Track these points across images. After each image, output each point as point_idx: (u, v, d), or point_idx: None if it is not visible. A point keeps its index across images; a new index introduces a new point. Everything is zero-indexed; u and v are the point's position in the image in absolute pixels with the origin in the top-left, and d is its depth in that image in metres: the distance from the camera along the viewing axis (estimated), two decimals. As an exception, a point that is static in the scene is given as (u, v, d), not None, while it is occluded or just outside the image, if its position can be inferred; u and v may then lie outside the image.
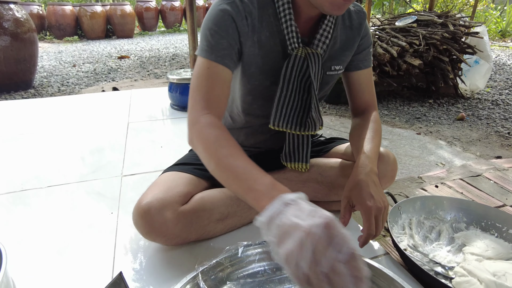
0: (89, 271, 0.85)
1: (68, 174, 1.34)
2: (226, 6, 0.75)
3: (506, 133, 2.21)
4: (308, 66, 0.83)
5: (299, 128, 0.90)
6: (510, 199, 1.31)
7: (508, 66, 4.40)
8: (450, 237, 1.03)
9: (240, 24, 0.76)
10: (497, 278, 0.85)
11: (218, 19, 0.75)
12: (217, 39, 0.75)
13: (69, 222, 1.04)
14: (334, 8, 0.71)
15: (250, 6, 0.77)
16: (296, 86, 0.85)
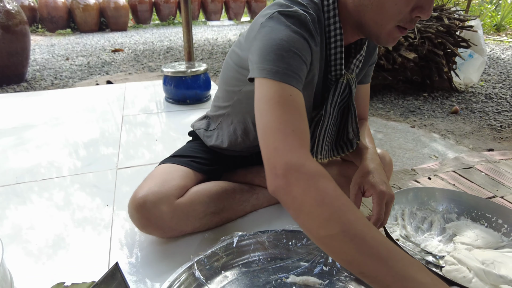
0: (85, 263, 0.86)
1: (63, 167, 1.34)
2: (299, 29, 0.66)
3: (499, 126, 2.24)
4: (350, 91, 0.82)
5: (336, 152, 0.91)
6: (500, 191, 1.33)
7: (502, 60, 4.42)
8: (442, 227, 1.05)
9: (314, 48, 0.69)
10: (486, 266, 0.87)
11: (295, 41, 0.64)
12: (298, 63, 0.64)
13: (64, 215, 1.04)
14: (389, 40, 0.70)
15: (315, 30, 0.70)
16: (336, 114, 0.84)
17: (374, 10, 0.67)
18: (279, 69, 0.62)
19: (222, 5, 9.84)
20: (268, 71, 0.62)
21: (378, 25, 0.68)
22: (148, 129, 1.74)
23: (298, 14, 0.66)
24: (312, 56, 0.69)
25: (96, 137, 1.62)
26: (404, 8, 0.63)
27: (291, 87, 0.62)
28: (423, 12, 0.63)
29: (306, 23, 0.67)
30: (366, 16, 0.69)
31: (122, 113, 1.95)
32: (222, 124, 1.01)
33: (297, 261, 0.82)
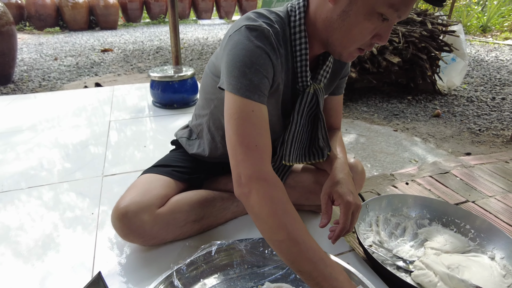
0: (69, 271, 0.89)
1: (49, 174, 1.36)
2: (261, 43, 0.71)
3: (477, 130, 2.31)
4: (317, 100, 0.87)
5: (307, 158, 0.96)
6: (472, 195, 1.39)
7: (486, 62, 4.53)
8: (414, 233, 1.10)
9: (275, 62, 0.74)
10: (451, 270, 0.92)
11: (257, 56, 0.70)
12: (260, 78, 0.70)
13: (49, 223, 1.07)
14: (349, 58, 0.78)
15: (279, 43, 0.75)
16: (305, 121, 0.89)
17: (341, 33, 0.73)
18: (242, 85, 0.69)
19: (213, 3, 9.82)
20: (233, 86, 0.70)
21: (342, 46, 0.75)
22: (135, 135, 1.76)
23: (262, 28, 0.71)
24: (274, 68, 0.74)
25: (82, 143, 1.64)
26: (367, 35, 0.71)
27: (253, 102, 0.70)
28: (381, 40, 0.71)
29: (269, 37, 0.72)
30: (333, 37, 0.75)
31: (109, 118, 1.97)
32: (202, 133, 1.05)
33: (273, 268, 0.87)
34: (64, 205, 1.16)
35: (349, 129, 2.31)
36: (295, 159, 0.93)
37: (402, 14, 0.67)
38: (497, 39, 6.62)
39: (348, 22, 0.70)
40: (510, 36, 6.67)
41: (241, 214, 1.10)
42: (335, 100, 1.03)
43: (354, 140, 2.13)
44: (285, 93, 0.85)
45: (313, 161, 0.96)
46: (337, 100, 1.04)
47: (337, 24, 0.72)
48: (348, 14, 0.69)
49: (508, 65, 4.36)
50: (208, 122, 1.01)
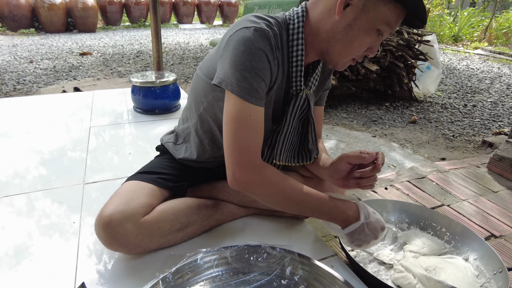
0: (51, 282, 0.87)
1: (26, 182, 1.32)
2: (262, 46, 0.74)
3: (451, 136, 2.42)
4: (308, 104, 0.92)
5: (297, 160, 1.00)
6: (447, 199, 1.46)
7: (458, 70, 4.74)
8: (394, 237, 1.14)
9: (272, 64, 0.78)
10: (428, 272, 0.96)
11: (257, 60, 0.74)
12: (259, 82, 0.76)
13: (29, 233, 1.04)
14: (340, 67, 0.86)
15: (276, 45, 0.79)
16: (296, 123, 0.94)
17: (343, 45, 0.80)
18: (243, 89, 0.75)
19: (194, 8, 9.81)
20: (234, 88, 0.76)
21: (340, 56, 0.83)
22: (116, 141, 1.73)
23: (263, 29, 0.75)
24: (271, 69, 0.79)
25: (61, 150, 1.60)
26: (364, 48, 0.80)
27: (251, 106, 0.76)
28: (372, 52, 0.81)
29: (269, 38, 0.76)
30: (334, 47, 0.82)
31: (90, 124, 1.93)
32: (189, 137, 1.06)
33: (258, 275, 0.88)
34: (44, 215, 1.13)
35: (329, 135, 2.35)
36: (285, 159, 0.97)
37: (393, 31, 0.78)
38: (468, 48, 6.95)
39: (351, 35, 0.77)
40: (479, 46, 7.01)
41: (225, 221, 1.10)
42: (317, 110, 1.07)
43: (334, 145, 2.18)
44: (278, 95, 0.89)
45: (301, 163, 1.00)
46: (319, 111, 1.08)
47: (340, 36, 0.79)
48: (352, 28, 0.77)
49: (478, 73, 4.58)
50: (195, 126, 1.02)
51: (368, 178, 0.89)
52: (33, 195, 1.24)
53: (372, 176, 0.89)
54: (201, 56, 5.23)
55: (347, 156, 0.92)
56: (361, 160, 0.89)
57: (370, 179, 0.89)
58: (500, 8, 9.81)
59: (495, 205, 1.42)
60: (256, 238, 1.03)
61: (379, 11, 0.74)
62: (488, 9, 10.39)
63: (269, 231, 1.08)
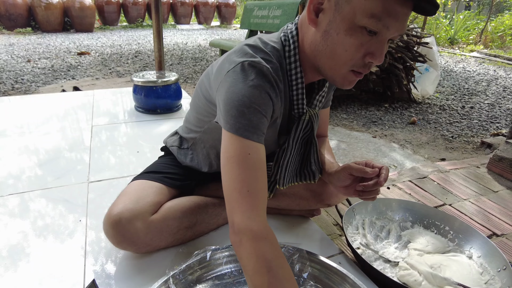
0: (60, 280, 0.87)
1: (30, 181, 1.31)
2: (261, 82, 0.69)
3: (450, 137, 2.44)
4: (312, 126, 0.88)
5: (299, 179, 0.97)
6: (449, 199, 1.47)
7: (455, 72, 4.78)
8: (398, 235, 1.15)
9: (275, 100, 0.73)
10: (434, 269, 0.97)
11: (256, 96, 0.68)
12: (259, 118, 0.69)
13: (35, 232, 1.04)
14: (345, 83, 0.73)
15: (278, 80, 0.74)
16: (299, 145, 0.90)
17: (327, 56, 0.70)
18: (240, 125, 0.67)
19: (192, 9, 9.81)
20: (231, 126, 0.68)
21: (332, 70, 0.71)
22: (118, 140, 1.73)
23: (261, 66, 0.69)
24: (274, 106, 0.73)
25: (64, 148, 1.59)
26: (355, 54, 0.66)
27: (251, 143, 0.68)
28: (374, 58, 0.66)
29: (267, 75, 0.70)
30: (321, 61, 0.72)
31: (91, 123, 1.93)
32: (196, 146, 1.04)
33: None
34: (50, 213, 1.13)
35: (330, 135, 2.37)
36: (288, 182, 0.94)
37: (390, 26, 0.62)
38: (464, 51, 7.02)
39: (331, 42, 0.67)
40: (475, 49, 7.08)
41: (232, 220, 1.10)
42: (323, 112, 1.06)
43: (335, 146, 2.20)
44: (282, 120, 0.85)
45: (304, 181, 0.97)
46: (325, 113, 1.07)
47: (321, 47, 0.70)
48: (330, 33, 0.66)
49: (474, 75, 4.63)
50: (201, 139, 1.00)
51: (370, 191, 0.87)
52: (38, 193, 1.23)
53: (374, 190, 0.86)
54: (200, 56, 5.23)
55: (351, 168, 0.88)
56: (364, 174, 0.86)
57: (372, 192, 0.87)
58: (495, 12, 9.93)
59: (495, 205, 1.44)
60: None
61: (355, 4, 0.62)
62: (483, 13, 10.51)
63: (276, 230, 1.09)
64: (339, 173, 0.91)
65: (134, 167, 1.45)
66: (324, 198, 1.08)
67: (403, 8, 0.61)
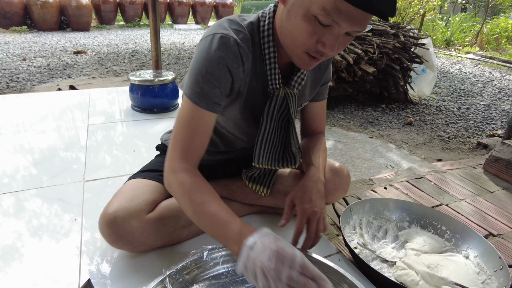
0: (54, 280, 0.85)
1: (25, 179, 1.30)
2: (222, 54, 0.74)
3: (447, 138, 2.45)
4: (287, 105, 0.88)
5: (280, 164, 0.95)
6: (446, 199, 1.48)
7: (451, 74, 4.81)
8: (395, 235, 1.15)
9: (235, 71, 0.77)
10: (431, 269, 0.97)
11: (212, 67, 0.74)
12: (209, 89, 0.76)
13: (30, 231, 1.02)
14: (302, 64, 0.77)
15: (246, 51, 0.78)
16: (276, 124, 0.89)
17: (287, 36, 0.74)
18: (192, 92, 0.77)
19: (189, 8, 9.78)
20: (185, 89, 0.79)
21: (290, 49, 0.75)
22: (114, 139, 1.72)
23: (227, 38, 0.75)
24: (233, 77, 0.78)
25: (60, 147, 1.58)
26: (307, 40, 0.69)
27: (198, 109, 0.77)
28: (324, 47, 0.69)
29: (231, 47, 0.75)
30: (283, 38, 0.76)
31: (88, 122, 1.91)
32: None
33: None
34: (45, 212, 1.12)
35: (327, 135, 2.37)
36: (266, 162, 0.93)
37: (341, 22, 0.64)
38: (460, 52, 7.06)
39: (291, 23, 0.70)
40: (470, 51, 7.13)
41: (229, 219, 1.10)
42: (317, 106, 1.05)
43: (332, 146, 2.20)
44: (255, 97, 0.86)
45: (286, 167, 0.96)
46: (319, 106, 1.06)
47: (284, 24, 0.73)
48: (291, 14, 0.70)
49: (470, 77, 4.66)
50: None
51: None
52: (33, 192, 1.22)
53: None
54: (197, 56, 5.21)
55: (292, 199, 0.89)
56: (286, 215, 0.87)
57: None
58: (490, 14, 10.00)
59: (492, 205, 1.45)
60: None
61: None
62: (479, 15, 10.59)
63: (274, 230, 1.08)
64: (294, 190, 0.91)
65: (130, 166, 1.43)
66: None
67: (357, 10, 0.62)
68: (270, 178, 1.05)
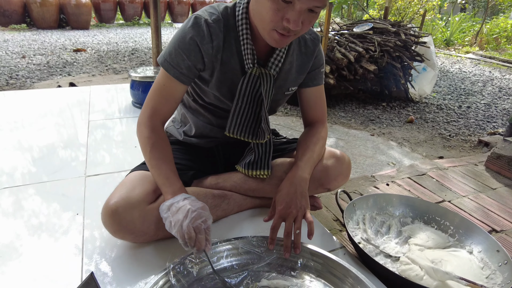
0: (57, 273, 0.85)
1: (28, 175, 1.29)
2: (193, 32, 0.86)
3: (448, 135, 2.45)
4: (260, 84, 0.93)
5: (251, 137, 1.00)
6: (448, 195, 1.47)
7: (451, 73, 4.81)
8: (398, 231, 1.15)
9: (205, 47, 0.87)
10: (435, 264, 0.97)
11: (184, 42, 0.87)
12: (179, 60, 0.88)
13: (32, 225, 1.02)
14: (272, 42, 0.83)
15: (217, 30, 0.87)
16: (249, 100, 0.96)
17: (256, 16, 0.82)
18: (165, 61, 0.89)
19: (189, 7, 9.77)
20: (159, 59, 0.91)
21: (260, 28, 0.83)
22: (115, 135, 1.71)
23: (199, 18, 0.86)
24: (203, 52, 0.88)
25: (61, 143, 1.57)
26: (273, 17, 0.77)
27: (169, 76, 0.89)
28: (289, 23, 0.76)
29: (201, 25, 0.86)
30: (255, 20, 0.85)
31: (88, 118, 1.90)
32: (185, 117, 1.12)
33: (267, 265, 0.87)
34: (47, 206, 1.11)
35: (329, 133, 2.37)
36: (238, 133, 1.00)
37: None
38: (459, 52, 7.07)
39: (259, 4, 0.79)
40: (470, 50, 7.14)
41: (231, 213, 1.10)
42: (312, 91, 1.06)
43: (333, 144, 2.19)
44: (234, 75, 0.94)
45: (255, 140, 1.01)
46: (314, 92, 1.07)
47: (254, 7, 0.82)
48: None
49: (470, 76, 4.67)
50: (185, 107, 1.10)
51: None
52: (34, 187, 1.21)
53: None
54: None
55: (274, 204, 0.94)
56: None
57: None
58: (490, 14, 10.02)
59: (494, 201, 1.45)
60: (264, 230, 1.03)
61: None
62: (479, 15, 10.60)
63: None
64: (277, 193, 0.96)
65: (131, 161, 1.43)
66: (323, 182, 1.07)
67: None
68: (266, 159, 1.06)
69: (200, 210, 0.80)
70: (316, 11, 0.77)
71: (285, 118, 2.63)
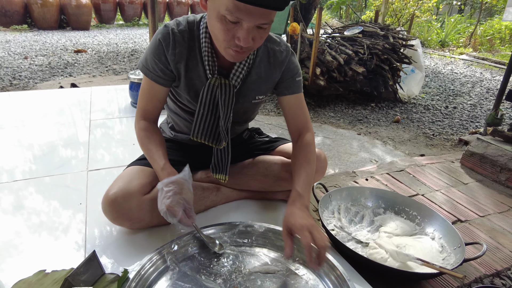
0: (62, 254, 0.97)
1: (32, 169, 1.41)
2: (160, 37, 0.96)
3: (431, 135, 2.57)
4: (218, 94, 1.00)
5: (211, 141, 1.08)
6: (422, 189, 1.60)
7: (442, 74, 4.93)
8: (371, 220, 1.27)
9: (169, 53, 0.97)
10: (399, 248, 1.09)
11: (155, 47, 0.97)
12: (153, 64, 0.98)
13: (39, 212, 1.14)
14: (230, 57, 0.89)
15: (180, 38, 0.96)
16: (210, 107, 1.03)
17: (212, 35, 0.89)
18: (144, 67, 1.01)
19: (188, 8, 9.87)
20: (139, 66, 1.03)
21: (217, 46, 0.90)
22: (115, 134, 1.83)
23: (167, 27, 0.96)
24: (168, 58, 0.97)
25: (64, 141, 1.69)
26: (224, 37, 0.83)
27: (147, 80, 1.01)
28: (239, 41, 0.82)
29: (167, 33, 0.95)
30: (213, 38, 0.91)
31: (90, 117, 2.02)
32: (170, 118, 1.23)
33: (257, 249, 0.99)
34: (52, 197, 1.23)
35: (317, 132, 2.49)
36: (200, 137, 1.07)
37: (244, 18, 0.77)
38: (454, 53, 7.19)
39: (211, 25, 0.85)
40: (464, 52, 7.26)
41: (219, 203, 1.22)
42: (291, 99, 1.10)
43: (321, 142, 2.31)
44: (200, 81, 1.01)
45: (216, 145, 1.08)
46: (293, 100, 1.10)
47: (209, 27, 0.89)
48: (210, 17, 0.85)
49: (461, 77, 4.79)
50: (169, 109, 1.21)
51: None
52: (42, 180, 1.33)
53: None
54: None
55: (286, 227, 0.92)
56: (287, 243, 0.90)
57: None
58: (485, 16, 10.14)
59: (464, 195, 1.57)
60: (248, 218, 1.15)
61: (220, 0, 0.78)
62: (474, 16, 10.72)
63: (259, 214, 1.20)
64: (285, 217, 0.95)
65: (130, 158, 1.54)
66: None
67: (254, 6, 0.76)
68: (225, 165, 1.12)
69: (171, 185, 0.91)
70: (264, 27, 0.82)
71: (278, 118, 2.75)
